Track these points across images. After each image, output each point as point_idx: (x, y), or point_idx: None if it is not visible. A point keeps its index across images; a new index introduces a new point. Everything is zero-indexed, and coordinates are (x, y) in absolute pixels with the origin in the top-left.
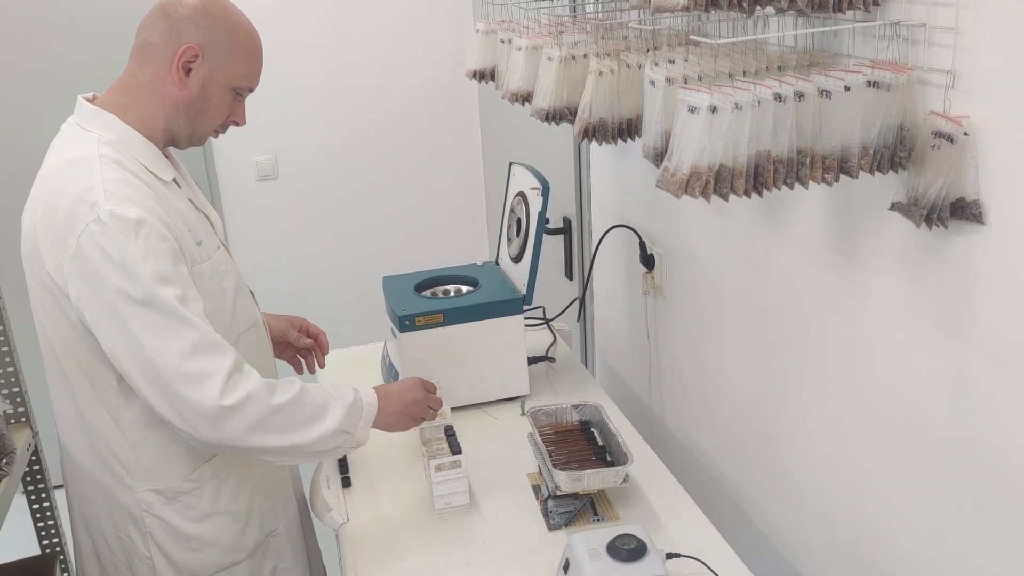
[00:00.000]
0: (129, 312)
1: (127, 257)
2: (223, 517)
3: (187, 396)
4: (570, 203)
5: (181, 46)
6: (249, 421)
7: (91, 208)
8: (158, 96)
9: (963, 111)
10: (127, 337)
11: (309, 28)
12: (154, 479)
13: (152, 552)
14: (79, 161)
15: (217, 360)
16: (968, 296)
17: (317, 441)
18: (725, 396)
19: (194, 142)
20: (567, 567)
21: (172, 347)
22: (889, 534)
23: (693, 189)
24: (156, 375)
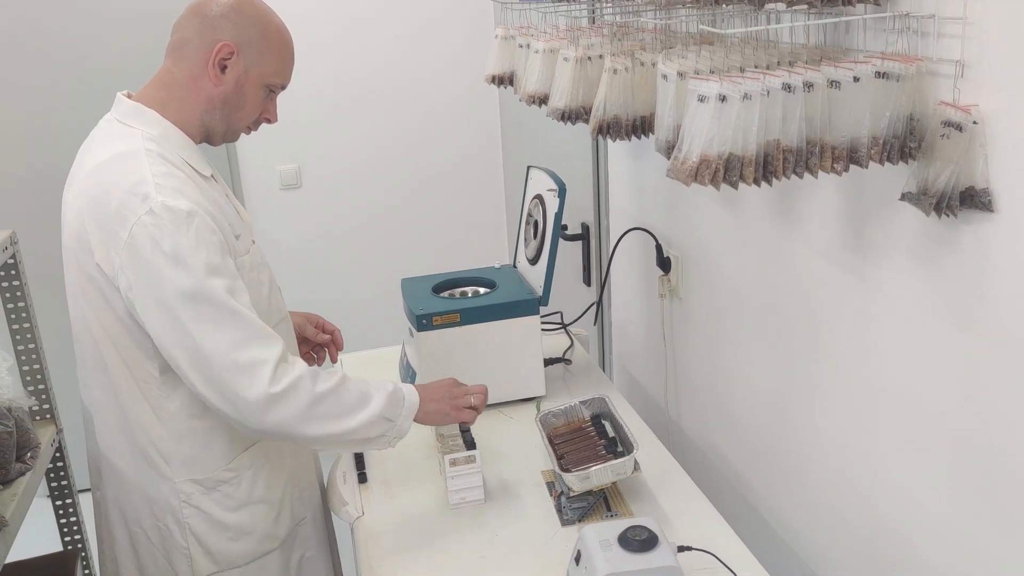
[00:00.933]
0: (180, 303)
1: (179, 248)
2: (260, 506)
3: (238, 385)
4: (588, 209)
5: (217, 43)
6: (297, 408)
7: (143, 200)
8: (194, 93)
9: (972, 100)
10: (178, 328)
11: (332, 39)
12: (194, 469)
13: (189, 542)
14: (127, 155)
15: (266, 349)
16: (979, 286)
17: (361, 428)
18: (740, 397)
19: (228, 138)
20: (578, 559)
21: (223, 338)
22: (903, 534)
23: (703, 177)
24: (207, 366)
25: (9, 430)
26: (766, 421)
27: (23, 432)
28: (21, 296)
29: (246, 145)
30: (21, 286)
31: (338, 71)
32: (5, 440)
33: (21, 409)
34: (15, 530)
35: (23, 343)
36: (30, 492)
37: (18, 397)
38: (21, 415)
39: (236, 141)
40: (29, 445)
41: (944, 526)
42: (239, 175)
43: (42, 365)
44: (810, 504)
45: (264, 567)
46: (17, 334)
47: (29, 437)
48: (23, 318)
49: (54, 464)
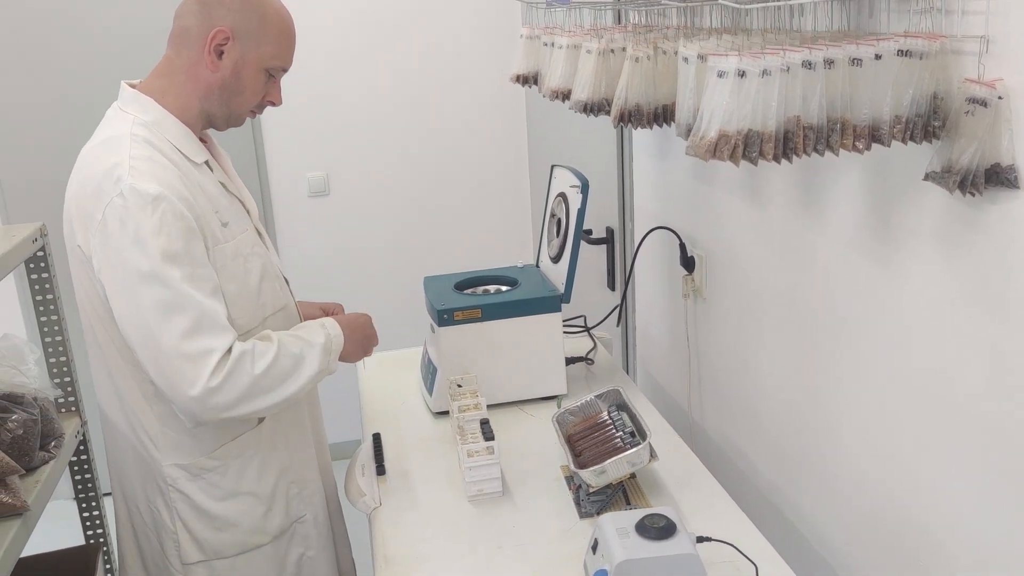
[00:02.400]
0: (138, 285)
1: (140, 231)
2: (247, 498)
3: (182, 375)
4: (613, 213)
5: (212, 29)
6: (236, 393)
7: (115, 183)
8: (193, 79)
9: (997, 75)
10: (135, 310)
11: (359, 47)
12: (179, 454)
13: (177, 527)
14: (112, 139)
15: (216, 338)
16: (1007, 267)
17: (302, 388)
18: (764, 397)
19: (232, 123)
20: (595, 547)
21: (172, 325)
22: (931, 530)
23: (722, 152)
24: (155, 351)
25: (34, 418)
26: (790, 420)
27: (48, 422)
28: (50, 288)
29: (275, 153)
30: (50, 278)
31: (365, 77)
32: (30, 428)
33: (47, 399)
34: (36, 515)
35: (50, 335)
36: (52, 481)
37: (44, 387)
38: (46, 405)
39: (241, 125)
40: (53, 435)
41: (973, 519)
42: (268, 182)
43: (68, 358)
44: (835, 503)
45: (254, 561)
46: (45, 326)
47: (54, 427)
48: (51, 310)
49: (78, 457)
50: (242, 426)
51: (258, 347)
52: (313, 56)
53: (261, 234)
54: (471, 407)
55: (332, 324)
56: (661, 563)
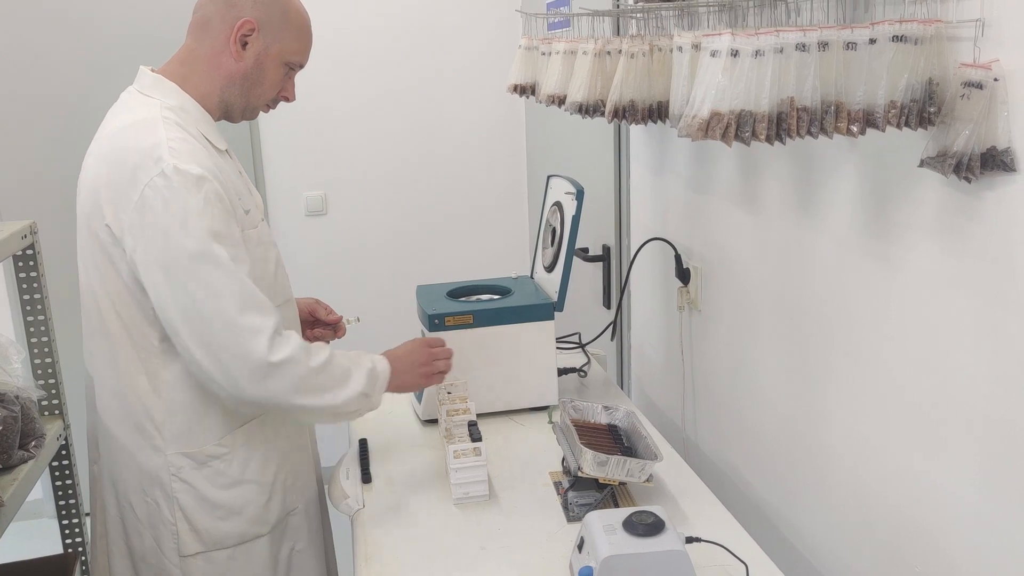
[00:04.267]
0: (184, 265)
1: (187, 211)
2: (251, 486)
3: (236, 351)
4: (610, 231)
5: (239, 20)
6: (292, 380)
7: (156, 163)
8: (215, 68)
9: (993, 57)
10: (180, 290)
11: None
12: (186, 442)
13: (176, 518)
14: (144, 121)
15: (264, 318)
16: (1005, 254)
17: (343, 403)
18: (758, 408)
19: (247, 115)
20: (581, 545)
21: (223, 303)
22: (929, 533)
23: (714, 131)
24: (206, 330)
25: (14, 415)
26: (785, 431)
27: (29, 421)
28: (38, 288)
29: (274, 172)
30: (38, 277)
31: (363, 95)
32: (9, 425)
33: (29, 399)
34: (12, 513)
35: (36, 335)
36: (30, 480)
37: (27, 387)
38: (28, 404)
39: (255, 119)
40: (34, 434)
41: (971, 518)
42: (265, 201)
43: (54, 359)
44: (833, 517)
45: (251, 552)
46: (31, 326)
47: (34, 427)
48: (38, 310)
49: (59, 463)
50: (247, 414)
51: (314, 346)
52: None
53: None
54: (460, 411)
55: (380, 358)
56: (648, 559)
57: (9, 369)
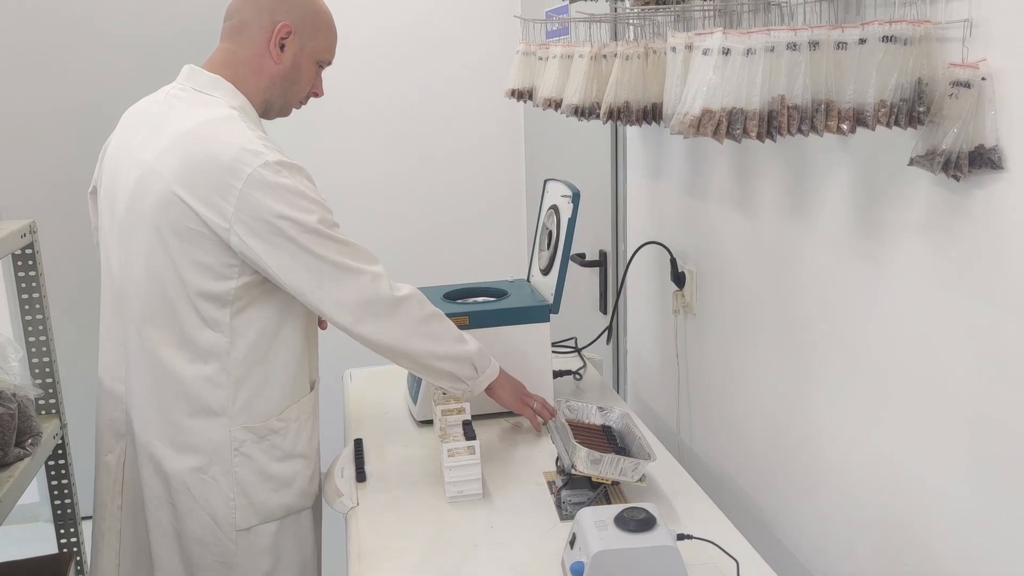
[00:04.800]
0: (308, 237)
1: (297, 192)
2: (300, 460)
3: (369, 295)
4: (607, 236)
5: (277, 24)
6: (416, 316)
7: (256, 155)
8: (258, 71)
9: (981, 57)
10: (309, 259)
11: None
12: (249, 416)
13: (235, 492)
14: (224, 120)
15: (379, 266)
16: (992, 251)
17: (456, 357)
18: (751, 408)
19: (282, 113)
20: (573, 542)
21: (347, 260)
22: (918, 530)
23: (705, 128)
24: (339, 285)
25: (11, 412)
26: (777, 432)
27: (25, 419)
28: (36, 287)
29: None
30: (37, 276)
31: (364, 103)
32: (6, 422)
33: (26, 397)
34: (7, 510)
35: (35, 335)
36: (26, 477)
37: (24, 385)
38: (25, 402)
39: (288, 116)
40: (30, 432)
41: (962, 516)
42: None
43: (52, 358)
44: (825, 518)
45: (297, 524)
46: (30, 325)
47: (31, 424)
48: (36, 309)
49: (55, 461)
50: (301, 390)
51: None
52: None
53: None
54: (455, 411)
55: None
56: (639, 555)
57: (7, 367)
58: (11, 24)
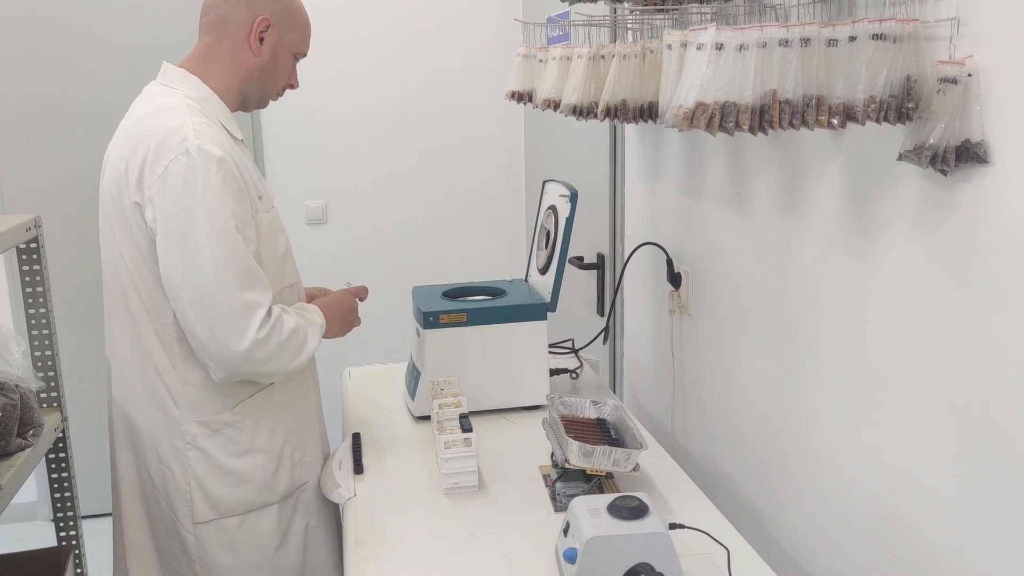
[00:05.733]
0: (197, 239)
1: (207, 189)
2: (260, 454)
3: (233, 323)
4: (604, 239)
5: (256, 17)
6: (269, 350)
7: (181, 142)
8: (236, 64)
9: (967, 53)
10: (191, 263)
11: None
12: (200, 411)
13: (191, 486)
14: (169, 107)
15: (263, 295)
16: (976, 243)
17: (303, 363)
18: (745, 405)
19: (260, 105)
20: (567, 529)
21: (230, 279)
22: (906, 521)
23: (699, 120)
24: (208, 302)
25: (13, 403)
26: (770, 428)
27: (28, 410)
28: (40, 281)
29: (276, 182)
30: (41, 270)
31: (364, 103)
32: (9, 412)
33: (28, 389)
34: (8, 497)
35: (37, 328)
36: (27, 467)
37: (27, 377)
38: (27, 393)
39: (265, 108)
40: (32, 424)
41: (949, 508)
42: None
43: (54, 352)
44: (815, 512)
45: (260, 520)
46: (33, 319)
47: (33, 416)
48: (40, 303)
49: (56, 454)
50: (256, 384)
51: (284, 314)
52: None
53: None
54: (452, 405)
55: (315, 309)
56: (632, 541)
57: (10, 359)
58: (17, 21)
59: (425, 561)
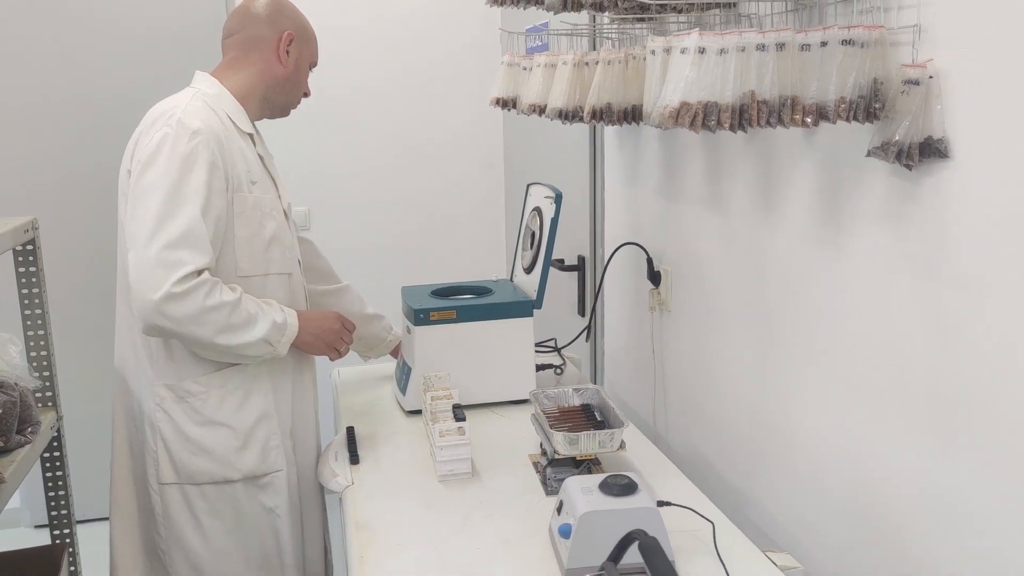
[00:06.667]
0: (151, 191)
1: (175, 150)
2: (223, 429)
3: (152, 276)
4: (585, 242)
5: (283, 32)
6: (184, 311)
7: (168, 119)
8: (263, 73)
9: (928, 57)
10: (139, 210)
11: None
12: (168, 375)
13: (158, 447)
14: (175, 100)
15: (195, 256)
16: (942, 231)
17: (242, 346)
18: (723, 395)
19: (284, 113)
20: (560, 508)
21: (167, 232)
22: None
23: (683, 119)
24: (141, 249)
25: (12, 400)
26: (749, 415)
27: (26, 408)
28: (36, 283)
29: None
30: (38, 272)
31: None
32: (9, 409)
33: (25, 388)
34: (11, 490)
35: (33, 328)
36: (27, 463)
37: (24, 376)
38: (25, 392)
39: (288, 116)
40: (31, 421)
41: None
42: None
43: (49, 352)
44: (793, 496)
45: (222, 494)
46: (28, 320)
47: (31, 413)
48: (36, 304)
49: (50, 453)
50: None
51: (223, 288)
52: None
53: (288, 216)
54: (444, 397)
55: (292, 313)
56: (623, 515)
57: (7, 359)
58: (11, 19)
59: (424, 542)
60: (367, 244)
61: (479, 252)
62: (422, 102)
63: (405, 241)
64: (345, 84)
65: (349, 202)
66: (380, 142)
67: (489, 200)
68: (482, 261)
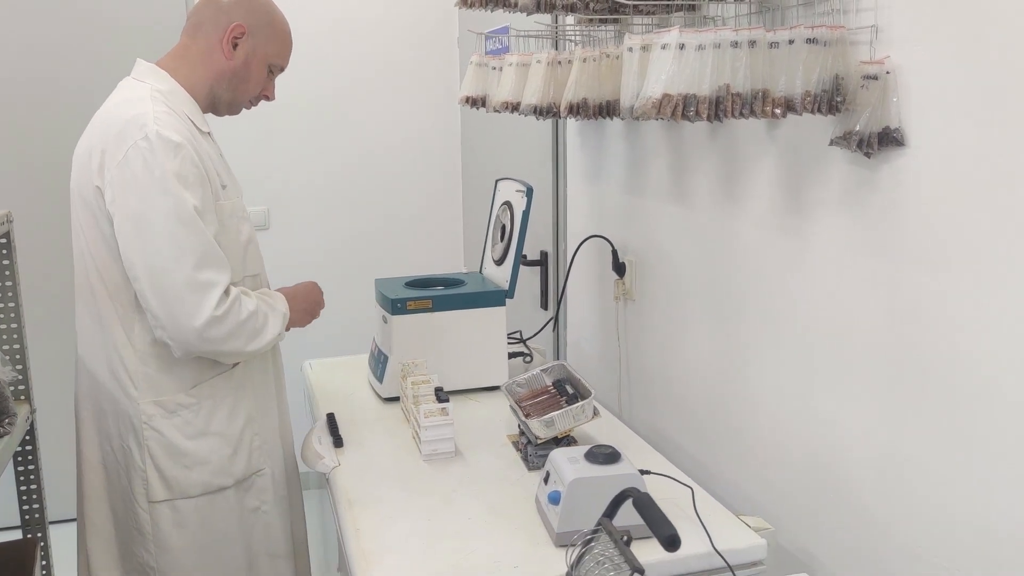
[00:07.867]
0: (154, 221)
1: (164, 172)
2: (216, 438)
3: (189, 303)
4: (548, 238)
5: (231, 24)
6: (227, 329)
7: (140, 128)
8: (207, 64)
9: (885, 54)
10: (148, 244)
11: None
12: (157, 391)
13: (147, 465)
14: (133, 99)
15: (219, 274)
16: (898, 214)
17: (263, 347)
18: (687, 377)
19: (231, 110)
20: (547, 478)
21: (186, 257)
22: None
23: (665, 109)
24: (166, 280)
25: None
26: (712, 399)
27: (2, 399)
28: (10, 276)
29: None
30: (11, 265)
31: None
32: None
33: (1, 380)
34: None
35: (6, 321)
36: (6, 454)
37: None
38: (1, 384)
39: (238, 114)
40: (7, 413)
41: (875, 455)
42: None
43: (23, 345)
44: (761, 472)
45: (216, 503)
46: (2, 312)
47: (7, 405)
48: (9, 297)
49: (23, 448)
50: (215, 368)
51: (243, 297)
52: None
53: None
54: (423, 381)
55: (280, 297)
56: (609, 481)
57: None
58: None
59: (415, 513)
60: (326, 241)
61: (436, 247)
62: (380, 102)
63: (364, 238)
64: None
65: (307, 201)
66: (338, 141)
67: (446, 196)
68: (440, 256)
